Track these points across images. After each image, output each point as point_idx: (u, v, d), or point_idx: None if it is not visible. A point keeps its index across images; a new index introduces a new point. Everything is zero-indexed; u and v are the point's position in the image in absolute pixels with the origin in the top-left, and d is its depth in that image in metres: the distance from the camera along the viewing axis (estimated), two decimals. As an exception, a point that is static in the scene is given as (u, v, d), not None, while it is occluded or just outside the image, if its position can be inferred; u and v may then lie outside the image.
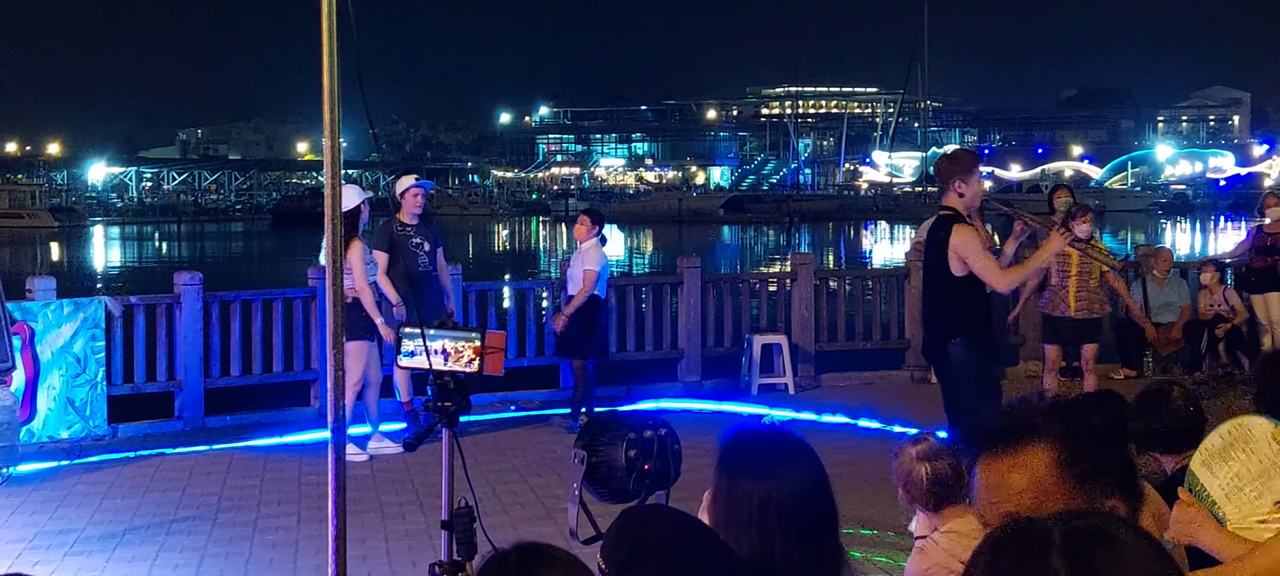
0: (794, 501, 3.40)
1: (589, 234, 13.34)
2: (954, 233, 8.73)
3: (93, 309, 12.86)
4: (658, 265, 55.31)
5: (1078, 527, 1.99)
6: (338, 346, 5.20)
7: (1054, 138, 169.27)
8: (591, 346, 13.36)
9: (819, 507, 3.47)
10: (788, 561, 3.38)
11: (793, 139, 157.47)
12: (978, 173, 8.83)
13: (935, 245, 8.93)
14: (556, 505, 9.95)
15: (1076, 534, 1.98)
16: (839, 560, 3.52)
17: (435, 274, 12.87)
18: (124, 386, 13.23)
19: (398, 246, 12.50)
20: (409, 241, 12.60)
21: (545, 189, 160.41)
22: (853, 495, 10.22)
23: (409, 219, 12.74)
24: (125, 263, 66.44)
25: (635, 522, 3.34)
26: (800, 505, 3.41)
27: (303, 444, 12.40)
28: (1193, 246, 67.22)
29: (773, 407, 14.11)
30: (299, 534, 9.48)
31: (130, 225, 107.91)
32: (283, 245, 73.25)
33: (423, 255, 12.68)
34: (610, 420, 4.27)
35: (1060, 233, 8.89)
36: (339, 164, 5.17)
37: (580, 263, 13.23)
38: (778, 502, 3.39)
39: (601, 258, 13.43)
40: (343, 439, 5.24)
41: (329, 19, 5.13)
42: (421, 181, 13.19)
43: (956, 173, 8.92)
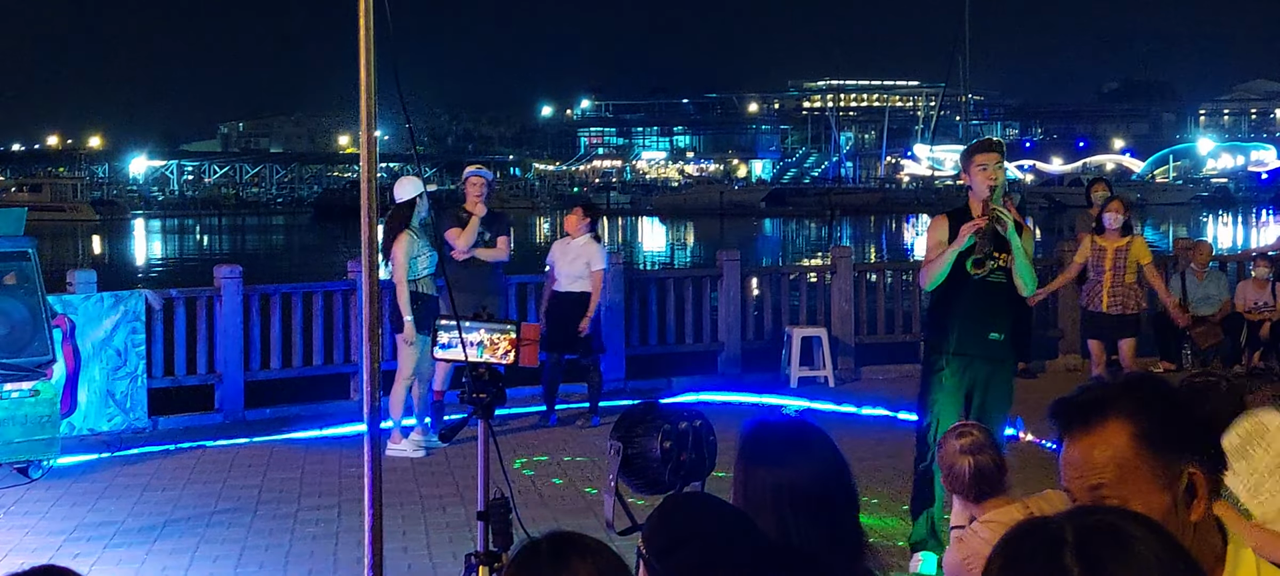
0: (808, 488, 3.49)
1: (582, 227, 13.25)
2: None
3: (133, 302, 12.93)
4: (699, 258, 55.27)
5: (1089, 525, 2.02)
6: (374, 338, 5.21)
7: (1095, 131, 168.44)
8: (595, 343, 13.35)
9: (835, 493, 3.55)
10: (806, 546, 3.43)
11: (834, 132, 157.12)
12: (978, 163, 8.40)
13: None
14: (595, 498, 9.95)
15: (1088, 531, 2.00)
16: (860, 544, 3.58)
17: (495, 265, 12.91)
18: (164, 379, 13.32)
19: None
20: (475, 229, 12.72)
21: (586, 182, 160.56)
22: (889, 486, 10.22)
23: (471, 207, 12.83)
24: (166, 256, 66.85)
25: (677, 510, 3.39)
26: (815, 491, 3.50)
27: (343, 436, 12.44)
28: (1234, 240, 66.77)
29: (812, 400, 14.10)
30: (339, 526, 9.51)
31: (171, 218, 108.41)
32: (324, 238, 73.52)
33: (482, 243, 12.76)
34: (646, 412, 4.28)
35: (968, 226, 8.29)
36: (375, 157, 5.17)
37: (584, 260, 13.08)
38: (791, 488, 3.49)
39: (605, 254, 13.41)
40: (377, 430, 5.25)
41: (366, 15, 5.14)
42: (479, 170, 13.22)
43: (962, 165, 8.72)
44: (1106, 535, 2.00)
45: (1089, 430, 2.63)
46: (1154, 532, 2.02)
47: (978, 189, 8.33)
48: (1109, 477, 2.59)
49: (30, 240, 11.39)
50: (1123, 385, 2.69)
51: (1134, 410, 2.61)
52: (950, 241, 8.26)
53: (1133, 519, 2.07)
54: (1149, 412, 2.61)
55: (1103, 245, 13.89)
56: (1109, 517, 2.05)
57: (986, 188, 8.26)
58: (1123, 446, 2.59)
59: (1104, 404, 2.64)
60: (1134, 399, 2.63)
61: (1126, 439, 2.60)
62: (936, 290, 8.40)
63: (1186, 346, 16.52)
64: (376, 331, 5.22)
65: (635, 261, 53.60)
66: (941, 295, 8.38)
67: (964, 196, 8.52)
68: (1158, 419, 2.61)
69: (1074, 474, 2.65)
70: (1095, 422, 2.63)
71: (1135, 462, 2.59)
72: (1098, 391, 2.69)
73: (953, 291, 8.25)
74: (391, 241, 11.82)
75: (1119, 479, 2.58)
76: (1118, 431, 2.61)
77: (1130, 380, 2.72)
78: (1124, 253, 13.68)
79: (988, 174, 8.27)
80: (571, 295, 13.07)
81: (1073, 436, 2.66)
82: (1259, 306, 16.26)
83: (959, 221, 8.35)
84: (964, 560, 4.97)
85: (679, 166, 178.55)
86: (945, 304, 8.33)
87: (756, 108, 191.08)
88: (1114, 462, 2.60)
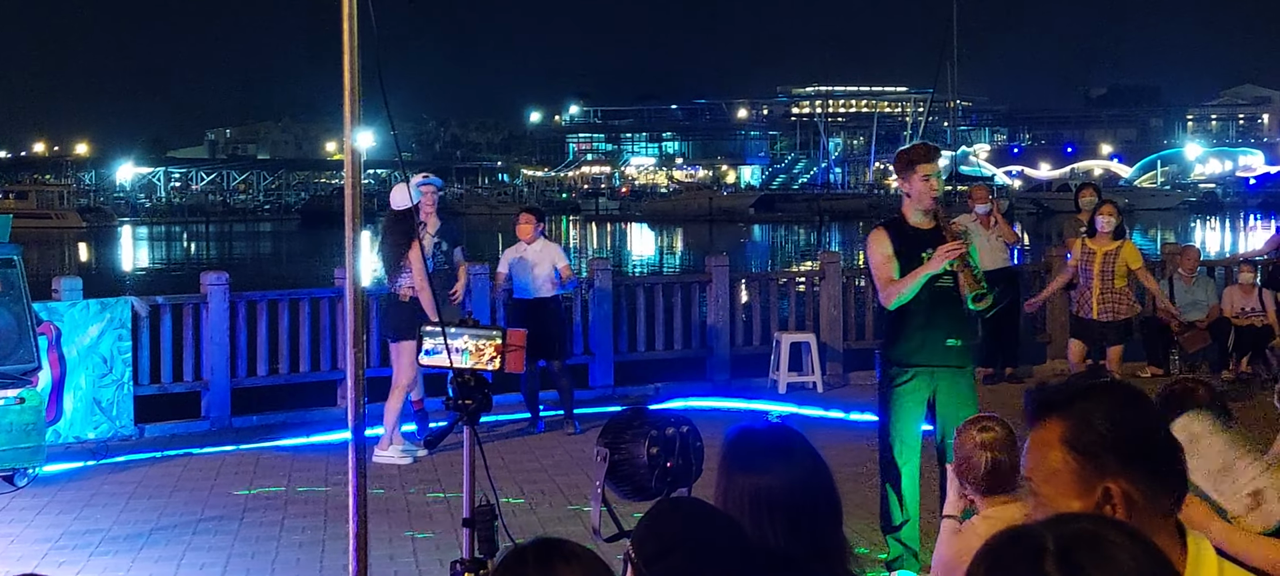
0: (788, 495, 3.48)
1: (536, 233, 13.21)
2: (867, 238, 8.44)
3: (119, 309, 12.89)
4: (688, 264, 55.27)
5: (1070, 533, 2.04)
6: (358, 345, 5.19)
7: (1083, 136, 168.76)
8: (565, 347, 13.34)
9: (816, 501, 3.54)
10: (785, 552, 3.42)
11: (823, 138, 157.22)
12: (921, 173, 8.07)
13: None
14: (585, 504, 9.92)
15: (1069, 539, 2.02)
16: (842, 552, 3.56)
17: (452, 273, 12.68)
18: (150, 386, 13.27)
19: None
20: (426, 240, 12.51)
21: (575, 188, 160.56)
22: (879, 492, 10.18)
23: (425, 217, 12.58)
24: (153, 263, 66.73)
25: (666, 516, 3.40)
26: (795, 498, 3.49)
27: (329, 443, 12.40)
28: (1223, 245, 66.90)
29: (801, 406, 14.08)
30: (325, 534, 9.48)
31: (158, 225, 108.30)
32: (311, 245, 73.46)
33: (439, 254, 12.51)
34: (633, 418, 4.27)
35: (947, 248, 7.98)
36: (359, 164, 5.15)
37: (549, 262, 12.97)
38: (771, 496, 3.48)
39: (562, 252, 13.44)
40: (362, 438, 5.23)
41: (350, 20, 5.12)
42: (428, 178, 12.88)
43: (898, 172, 8.35)
44: (1087, 543, 2.01)
45: (1036, 425, 2.71)
46: (1135, 540, 2.03)
47: (919, 198, 8.08)
48: (1038, 475, 2.67)
49: (15, 247, 11.35)
50: (1077, 388, 2.73)
51: (1070, 414, 2.66)
52: (896, 254, 8.04)
53: (1114, 526, 2.08)
54: (1081, 419, 2.65)
55: (1092, 249, 13.89)
56: (1090, 526, 2.06)
57: (931, 198, 8.05)
58: (1053, 447, 2.65)
59: (1054, 402, 2.70)
60: (1078, 403, 2.68)
61: (1056, 440, 2.65)
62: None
63: (1174, 352, 16.54)
64: (361, 338, 5.20)
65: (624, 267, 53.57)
66: (900, 315, 8.19)
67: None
68: (1087, 427, 2.64)
69: (1028, 466, 2.73)
70: (1042, 419, 2.70)
71: (1058, 465, 2.64)
72: (1059, 389, 2.74)
73: (909, 302, 8.05)
74: (403, 251, 11.73)
75: (1044, 478, 2.66)
76: (1052, 431, 2.67)
77: (1085, 384, 2.75)
78: (1113, 257, 13.68)
79: (931, 184, 8.05)
80: (541, 301, 13.01)
81: (1028, 428, 2.74)
82: (1247, 312, 16.27)
83: (897, 233, 8.14)
84: (957, 554, 4.95)
85: (668, 172, 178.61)
86: (901, 314, 8.12)
87: (745, 114, 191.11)
88: (1043, 461, 2.67)
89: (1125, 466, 2.61)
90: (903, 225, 8.19)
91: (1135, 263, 13.93)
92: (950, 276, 8.00)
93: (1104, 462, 2.61)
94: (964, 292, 7.98)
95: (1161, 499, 2.63)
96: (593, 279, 15.40)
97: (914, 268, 7.95)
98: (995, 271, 15.98)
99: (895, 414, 8.18)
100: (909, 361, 8.08)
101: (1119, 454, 2.61)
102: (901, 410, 8.15)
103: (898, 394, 8.16)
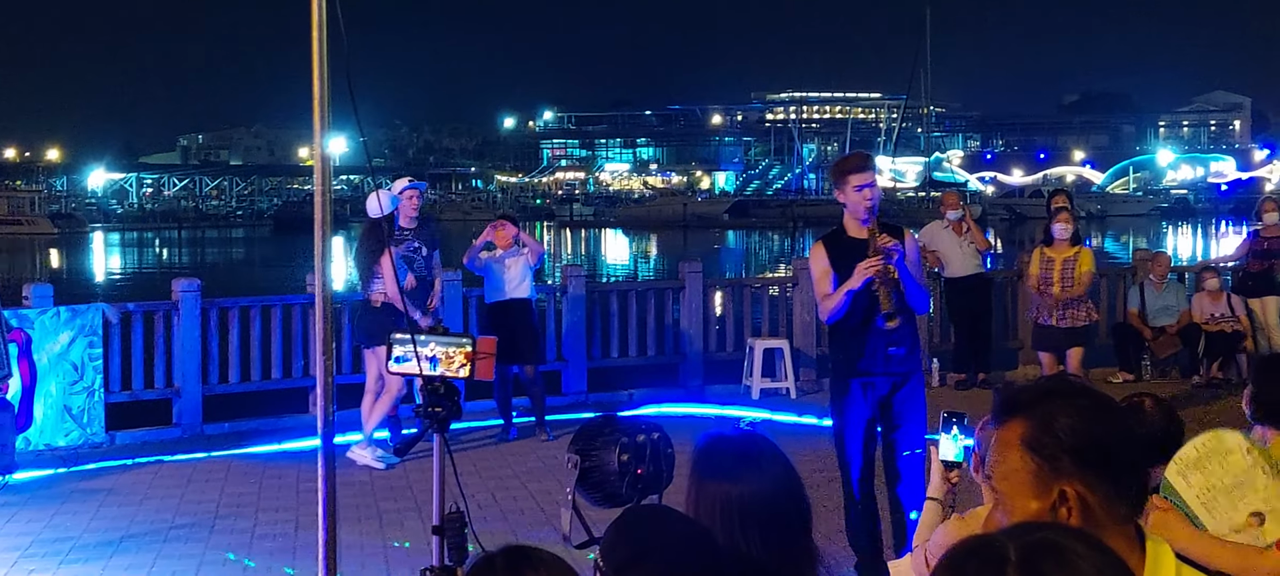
0: (759, 503, 3.49)
1: (512, 239, 13.22)
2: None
3: (90, 316, 12.84)
4: (662, 270, 55.28)
5: (1032, 542, 2.05)
6: (328, 352, 5.18)
7: (1056, 143, 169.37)
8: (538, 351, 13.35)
9: (786, 509, 3.54)
10: (756, 560, 3.42)
11: (797, 144, 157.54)
12: (854, 184, 7.98)
13: None
14: (557, 512, 9.91)
15: (1031, 548, 2.04)
16: (811, 559, 3.55)
17: (431, 279, 12.66)
18: (122, 393, 13.21)
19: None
20: (407, 243, 12.43)
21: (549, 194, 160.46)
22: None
23: (406, 222, 12.53)
24: (125, 269, 66.46)
25: (635, 523, 3.39)
26: (765, 506, 3.49)
27: (301, 451, 12.36)
28: (1195, 251, 67.19)
29: (774, 412, 14.10)
30: (297, 541, 9.45)
31: (130, 231, 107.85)
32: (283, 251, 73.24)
33: (419, 260, 12.48)
34: (603, 425, 4.27)
35: (865, 265, 7.87)
36: (329, 170, 5.14)
37: (522, 261, 12.99)
38: (741, 504, 3.48)
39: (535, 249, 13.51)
40: (331, 445, 5.22)
41: (319, 27, 5.11)
42: (415, 182, 12.90)
43: (834, 183, 8.28)
44: (1050, 552, 2.02)
45: (1000, 423, 2.73)
46: (1096, 549, 2.04)
47: (853, 209, 8.04)
48: (999, 471, 2.71)
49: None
50: (1042, 390, 2.75)
51: (1032, 415, 2.69)
52: (833, 267, 8.03)
53: (1075, 535, 2.09)
54: (1041, 421, 2.67)
55: (1051, 256, 13.94)
56: (1051, 535, 2.08)
57: (864, 209, 7.97)
58: (1013, 446, 2.68)
59: (1018, 403, 2.73)
60: (1040, 405, 2.70)
61: (1016, 440, 2.68)
62: (842, 319, 8.10)
63: (1145, 357, 16.62)
64: (330, 345, 5.19)
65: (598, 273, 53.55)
66: (844, 321, 8.12)
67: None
68: (1047, 429, 2.66)
69: (991, 464, 2.75)
70: (1006, 418, 2.72)
71: (1017, 465, 2.67)
72: (1026, 390, 2.77)
73: (851, 313, 8.01)
74: (376, 258, 11.72)
75: (1003, 476, 2.70)
76: (1014, 431, 2.69)
77: (1049, 386, 2.78)
78: (1072, 264, 13.72)
79: (864, 196, 7.96)
80: (515, 302, 12.99)
81: (993, 427, 2.76)
82: (1217, 317, 16.34)
83: (836, 246, 8.12)
84: (956, 539, 4.94)
85: (642, 178, 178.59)
86: (843, 326, 8.10)
87: (720, 120, 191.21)
88: (1004, 460, 2.70)
89: (1081, 470, 2.63)
90: (841, 237, 8.17)
91: (1084, 266, 14.01)
92: (892, 280, 7.95)
93: (1061, 465, 2.64)
94: (882, 307, 7.89)
95: (1118, 504, 2.66)
96: (566, 285, 15.39)
97: (849, 276, 7.94)
98: (968, 277, 16.08)
99: (843, 423, 8.18)
100: (852, 372, 8.07)
101: (1076, 458, 2.64)
102: (848, 420, 8.15)
103: (842, 405, 8.18)
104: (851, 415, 8.15)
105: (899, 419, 8.13)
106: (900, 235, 8.19)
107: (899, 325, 7.94)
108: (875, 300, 7.91)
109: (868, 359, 8.02)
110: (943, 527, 5.02)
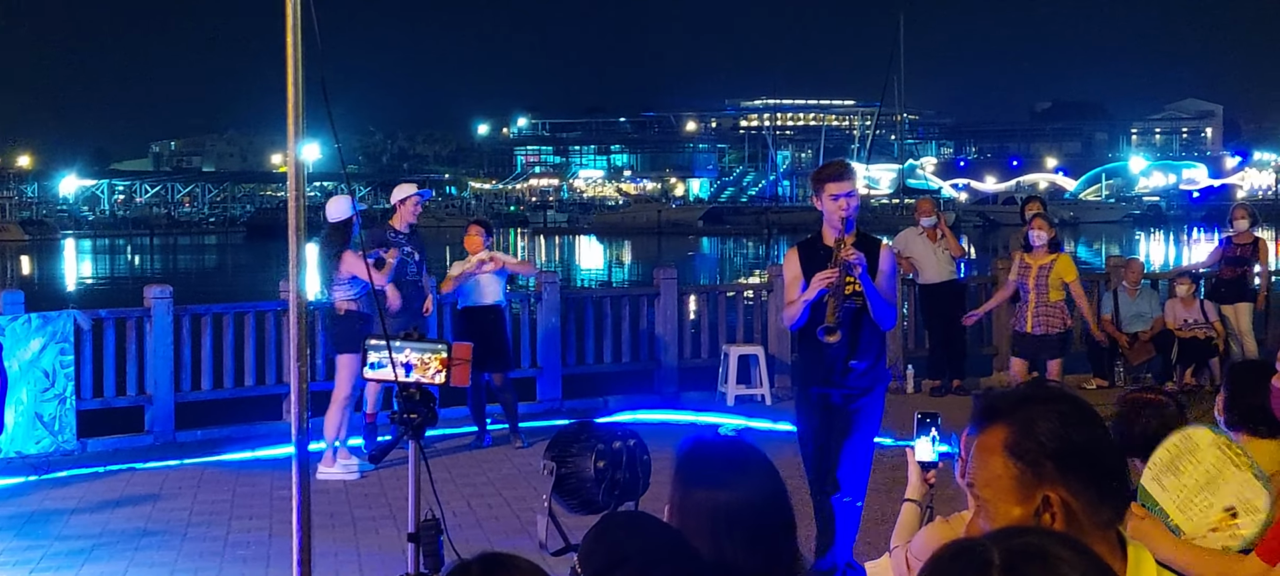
0: (745, 510, 3.46)
1: (485, 246, 13.20)
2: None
3: (61, 323, 12.77)
4: (637, 276, 55.28)
5: (1016, 547, 2.05)
6: (303, 359, 5.15)
7: (1029, 150, 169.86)
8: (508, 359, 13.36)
9: (772, 516, 3.53)
10: (742, 568, 3.40)
11: (771, 151, 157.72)
12: (830, 193, 7.89)
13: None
14: (532, 519, 9.87)
15: (1015, 553, 2.03)
16: (794, 565, 3.54)
17: (421, 284, 12.84)
18: (93, 401, 13.14)
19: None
20: (401, 247, 12.51)
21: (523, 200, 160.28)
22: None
23: (402, 227, 12.69)
24: (97, 276, 66.18)
25: (613, 530, 3.37)
26: (752, 514, 3.47)
27: (274, 458, 12.31)
28: (1167, 258, 67.46)
29: (749, 418, 14.09)
30: (270, 549, 9.41)
31: (102, 238, 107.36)
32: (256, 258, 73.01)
33: (412, 264, 12.66)
34: (579, 431, 4.25)
35: (822, 276, 7.80)
36: (302, 175, 5.12)
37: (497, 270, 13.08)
38: (728, 511, 3.45)
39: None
40: (305, 453, 5.19)
41: (294, 32, 5.08)
42: (422, 191, 13.08)
43: (813, 190, 8.14)
44: (1034, 557, 2.02)
45: (981, 429, 2.72)
46: (1080, 554, 2.04)
47: (829, 217, 7.94)
48: (980, 478, 2.70)
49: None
50: (1024, 395, 2.75)
51: (1014, 420, 2.68)
52: (804, 275, 7.95)
53: (1059, 540, 2.09)
54: (1024, 427, 2.67)
55: (1028, 263, 13.98)
56: (1036, 539, 2.08)
57: (840, 218, 7.85)
58: (995, 452, 2.67)
59: (1000, 409, 2.72)
60: (1023, 409, 2.70)
61: (999, 446, 2.67)
62: (805, 328, 8.02)
63: (1119, 363, 16.67)
64: (305, 352, 5.16)
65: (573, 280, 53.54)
66: (805, 335, 8.05)
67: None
68: (1029, 435, 2.66)
69: (972, 471, 2.74)
70: (987, 423, 2.71)
71: (999, 470, 2.66)
72: (1007, 396, 2.77)
73: (811, 321, 7.91)
74: (338, 261, 11.71)
75: (985, 482, 2.68)
76: (996, 437, 2.68)
77: (1031, 392, 2.77)
78: (1047, 270, 13.75)
79: (840, 205, 7.85)
80: (487, 309, 13.01)
81: (974, 433, 2.75)
82: (1189, 324, 16.41)
83: (810, 253, 8.05)
84: (939, 541, 4.93)
85: (616, 185, 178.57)
86: (807, 334, 8.01)
87: (694, 126, 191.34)
88: (986, 466, 2.69)
89: (1064, 475, 2.63)
90: (816, 245, 8.09)
91: (1069, 275, 13.99)
92: (858, 296, 7.84)
93: (1043, 470, 2.63)
94: (825, 319, 7.77)
95: (1102, 509, 2.65)
96: (540, 292, 15.37)
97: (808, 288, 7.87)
98: (941, 284, 16.12)
99: (804, 431, 8.13)
100: (811, 381, 7.99)
101: (1059, 463, 2.63)
102: (808, 427, 8.10)
103: (802, 413, 8.13)
104: (807, 424, 8.09)
105: (848, 432, 7.98)
106: (875, 247, 8.11)
107: (838, 340, 7.79)
108: (843, 311, 7.82)
109: (827, 370, 7.92)
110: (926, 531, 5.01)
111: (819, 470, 8.06)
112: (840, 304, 7.76)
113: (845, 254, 7.78)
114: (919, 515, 5.30)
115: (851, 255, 7.79)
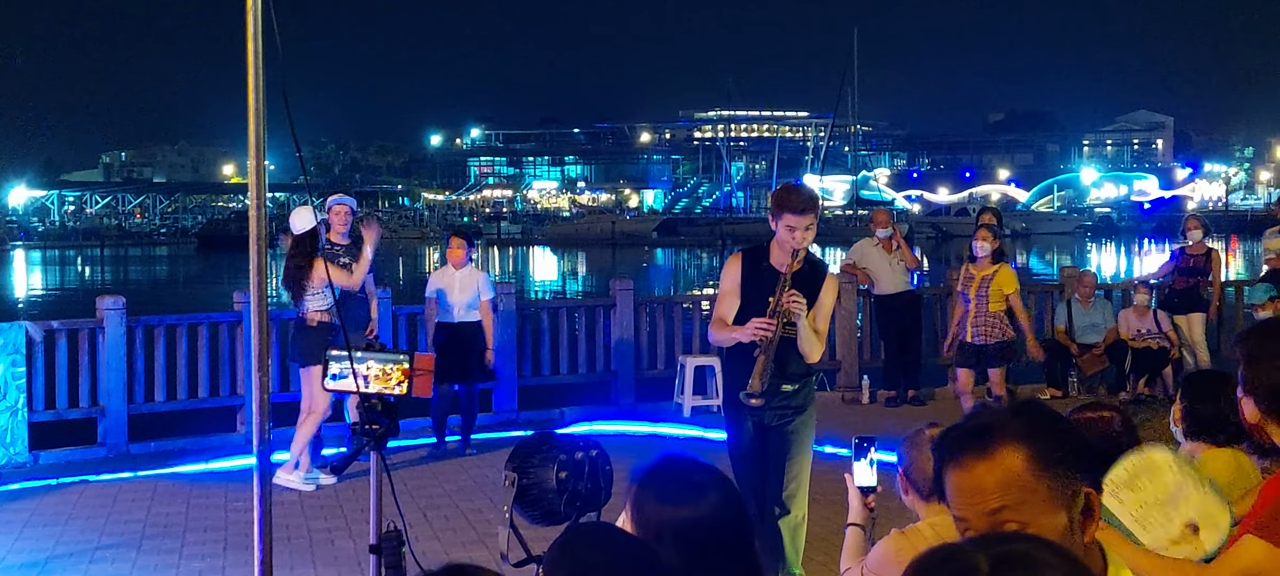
0: (702, 527, 3.44)
1: (466, 258, 13.24)
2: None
3: (13, 334, 12.66)
4: (591, 288, 55.24)
5: (1002, 553, 2.05)
6: (263, 369, 5.12)
7: (982, 161, 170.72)
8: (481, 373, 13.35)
9: (729, 533, 3.50)
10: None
11: (725, 162, 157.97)
12: (787, 223, 7.52)
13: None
14: (489, 530, 9.86)
15: (1001, 560, 2.03)
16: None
17: (362, 295, 12.62)
18: (45, 412, 13.03)
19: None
20: (337, 260, 12.32)
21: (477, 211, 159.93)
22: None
23: (338, 238, 12.50)
24: (47, 287, 65.62)
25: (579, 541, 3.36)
26: (708, 531, 3.44)
27: (229, 470, 12.24)
28: (1119, 269, 67.92)
29: (706, 429, 14.10)
30: (225, 560, 9.34)
31: (52, 249, 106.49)
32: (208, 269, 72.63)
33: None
34: (541, 442, 4.25)
35: (759, 327, 7.47)
36: (263, 184, 5.09)
37: (473, 288, 13.12)
38: (686, 528, 3.43)
39: (490, 283, 13.52)
40: (267, 464, 5.16)
41: (254, 40, 5.06)
42: (344, 198, 12.96)
43: (772, 209, 7.77)
44: (1020, 562, 2.02)
45: (983, 456, 2.65)
46: (1065, 559, 2.05)
47: (781, 242, 7.59)
48: (1010, 500, 2.62)
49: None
50: (1011, 411, 2.73)
51: (1028, 434, 2.65)
52: (743, 286, 7.69)
53: (1044, 546, 2.09)
54: (1043, 435, 2.66)
55: (972, 273, 14.06)
56: (1021, 545, 2.07)
57: (790, 249, 7.53)
58: (1020, 469, 2.62)
59: (996, 430, 2.67)
60: (1026, 423, 2.68)
61: (1022, 462, 2.63)
62: (737, 343, 7.70)
63: (1073, 373, 16.78)
64: (265, 362, 5.13)
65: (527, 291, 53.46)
66: (735, 345, 7.73)
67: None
68: (1053, 441, 2.65)
69: (968, 500, 2.66)
70: (989, 449, 2.65)
71: (1034, 484, 2.62)
72: (989, 418, 2.73)
73: (744, 343, 7.61)
74: (307, 271, 11.61)
75: (1019, 501, 2.61)
76: (1013, 455, 2.63)
77: (1018, 407, 2.76)
78: (989, 281, 13.84)
79: (795, 237, 7.51)
80: (466, 325, 13.11)
81: (963, 464, 2.68)
82: (1143, 334, 16.53)
83: (753, 268, 7.73)
84: (898, 551, 4.95)
85: (570, 196, 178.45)
86: (738, 354, 7.71)
87: (648, 138, 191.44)
88: (1014, 486, 2.62)
89: (1088, 475, 2.69)
90: (761, 259, 7.73)
91: (1009, 287, 14.03)
92: (793, 326, 7.51)
93: (1075, 472, 2.66)
94: (750, 384, 7.43)
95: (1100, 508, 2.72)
96: (496, 303, 15.32)
97: (755, 307, 7.56)
98: (896, 294, 16.20)
99: (734, 451, 7.87)
100: (741, 403, 7.61)
101: (1082, 463, 2.68)
102: (734, 442, 7.86)
103: (731, 427, 7.88)
104: (737, 439, 7.85)
105: (787, 451, 7.75)
106: (821, 277, 7.78)
107: (763, 402, 7.52)
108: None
109: (758, 392, 7.56)
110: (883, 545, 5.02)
111: (760, 493, 7.88)
112: (770, 361, 7.44)
113: (787, 303, 7.46)
114: (863, 538, 5.32)
115: (794, 308, 7.46)
